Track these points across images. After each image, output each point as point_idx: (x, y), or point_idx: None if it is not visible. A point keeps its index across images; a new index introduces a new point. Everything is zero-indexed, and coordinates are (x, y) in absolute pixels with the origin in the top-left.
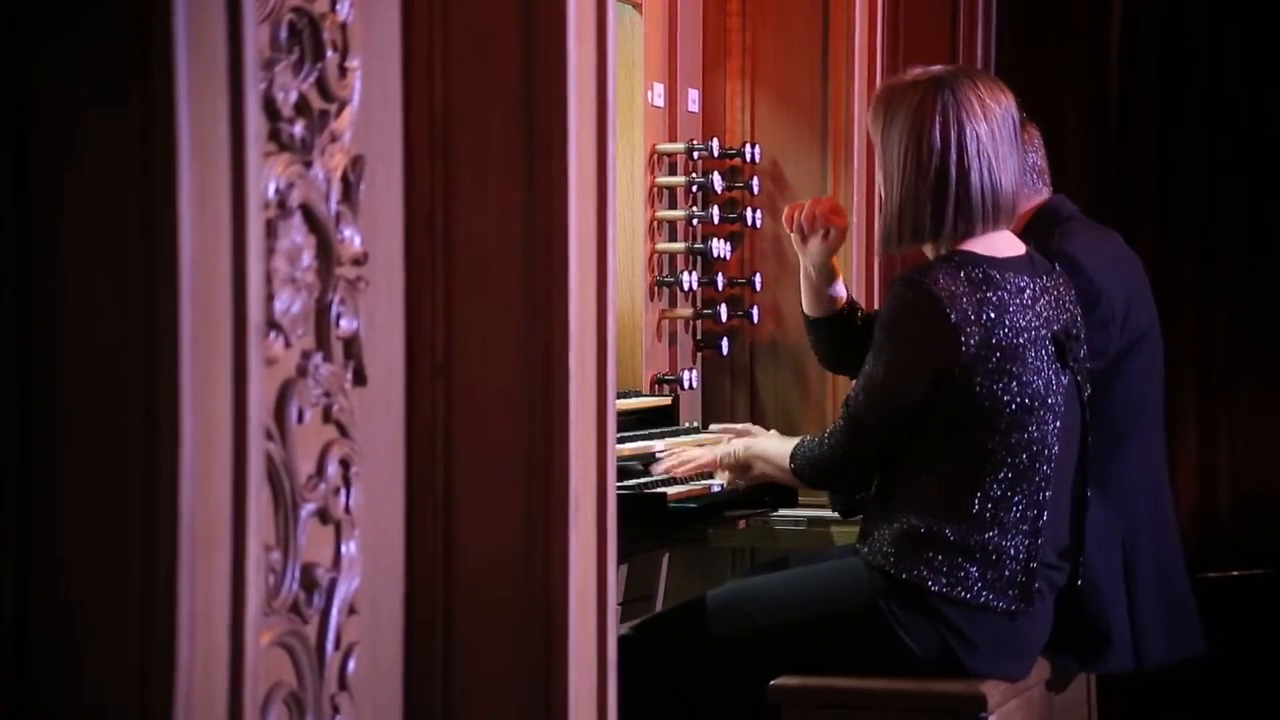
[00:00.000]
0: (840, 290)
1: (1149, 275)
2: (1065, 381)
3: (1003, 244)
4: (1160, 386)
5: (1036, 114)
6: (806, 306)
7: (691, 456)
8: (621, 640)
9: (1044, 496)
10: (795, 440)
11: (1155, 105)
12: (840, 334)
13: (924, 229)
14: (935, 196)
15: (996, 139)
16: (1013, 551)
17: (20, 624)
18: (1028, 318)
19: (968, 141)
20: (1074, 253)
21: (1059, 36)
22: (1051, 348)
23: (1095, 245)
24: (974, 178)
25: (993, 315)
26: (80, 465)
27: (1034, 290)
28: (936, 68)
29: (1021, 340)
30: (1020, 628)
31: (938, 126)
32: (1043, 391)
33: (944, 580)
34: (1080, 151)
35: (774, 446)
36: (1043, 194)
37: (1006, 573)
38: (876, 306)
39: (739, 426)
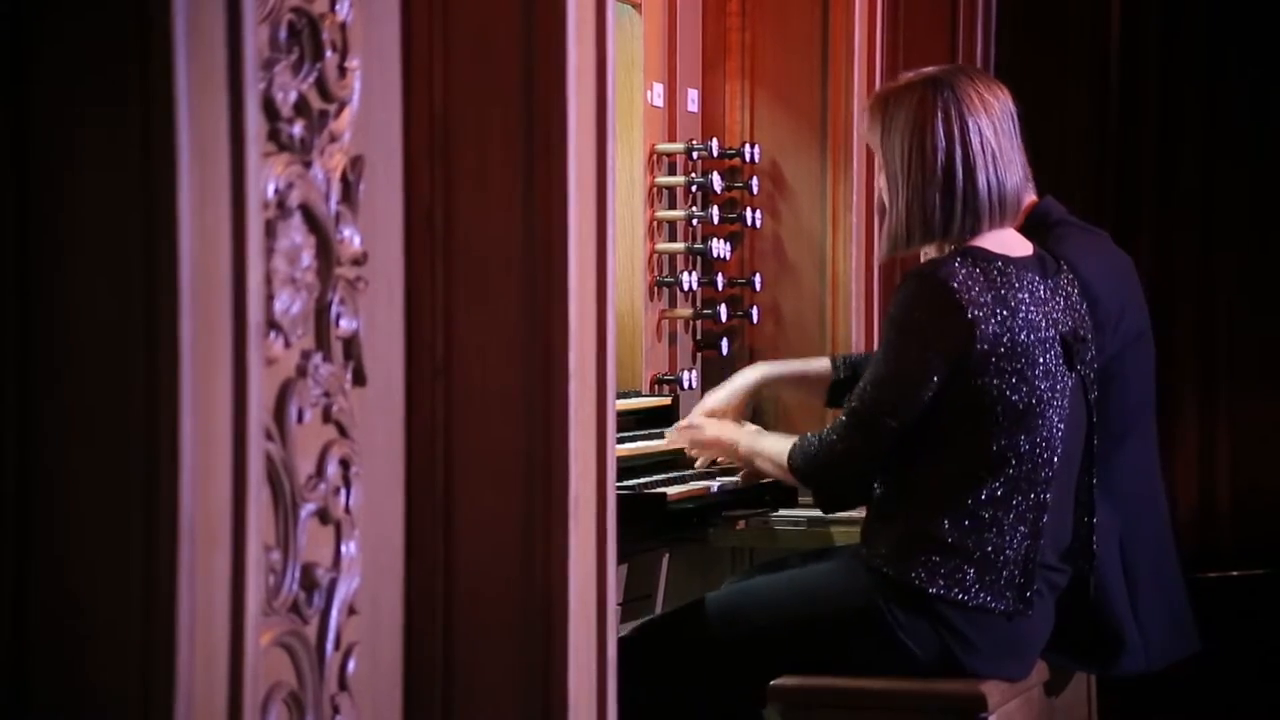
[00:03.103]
0: (824, 366)
1: (1149, 270)
2: (1072, 383)
3: (1012, 242)
4: (1153, 387)
5: (1037, 111)
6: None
7: (699, 434)
8: (622, 642)
9: (1045, 498)
10: (795, 438)
11: (1155, 100)
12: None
13: (933, 228)
14: (943, 194)
15: (999, 134)
16: (1010, 553)
17: (20, 624)
18: (1039, 317)
19: (971, 137)
20: (1068, 257)
21: (1059, 34)
22: (1060, 349)
23: (1088, 249)
24: (980, 173)
25: (1006, 311)
26: (80, 465)
27: (1046, 290)
28: (930, 69)
29: (1032, 339)
30: (1019, 628)
31: (940, 124)
32: (1049, 393)
33: (941, 582)
34: (1081, 147)
35: (771, 442)
36: (1029, 192)
37: (1004, 574)
38: (876, 305)
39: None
